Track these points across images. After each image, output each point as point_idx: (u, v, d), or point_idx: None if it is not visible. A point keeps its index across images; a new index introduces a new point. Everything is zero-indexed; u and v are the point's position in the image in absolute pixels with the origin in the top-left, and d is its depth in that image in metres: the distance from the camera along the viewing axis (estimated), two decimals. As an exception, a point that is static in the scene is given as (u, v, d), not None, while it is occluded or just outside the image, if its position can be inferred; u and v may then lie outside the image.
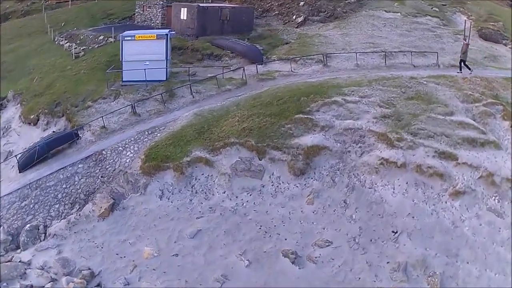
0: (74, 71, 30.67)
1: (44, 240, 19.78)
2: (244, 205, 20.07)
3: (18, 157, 23.59)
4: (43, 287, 17.83)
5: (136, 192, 20.67)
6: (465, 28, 29.12)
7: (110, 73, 27.72)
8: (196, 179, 20.93)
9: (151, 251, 18.69)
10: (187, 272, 18.06)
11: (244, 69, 27.93)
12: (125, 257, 18.65)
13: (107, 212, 20.02)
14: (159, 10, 38.91)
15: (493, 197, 19.27)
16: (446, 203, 19.24)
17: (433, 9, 37.89)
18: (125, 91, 26.71)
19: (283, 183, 20.70)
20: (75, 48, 34.69)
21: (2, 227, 20.42)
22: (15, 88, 32.23)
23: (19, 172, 22.97)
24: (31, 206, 21.02)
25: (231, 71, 28.90)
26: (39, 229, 20.18)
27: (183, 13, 35.35)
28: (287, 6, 39.02)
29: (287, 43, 33.12)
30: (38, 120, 27.33)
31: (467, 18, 35.39)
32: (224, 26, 35.22)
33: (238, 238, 19.01)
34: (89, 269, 18.28)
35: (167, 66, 27.96)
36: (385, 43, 31.41)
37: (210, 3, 37.87)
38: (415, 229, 18.62)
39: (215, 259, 18.43)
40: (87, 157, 22.48)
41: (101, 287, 17.91)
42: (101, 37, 35.86)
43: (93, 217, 19.97)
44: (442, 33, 33.82)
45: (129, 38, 27.81)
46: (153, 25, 38.97)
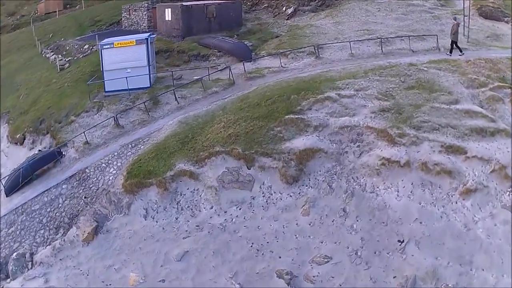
0: (58, 84, 29.78)
1: (31, 268, 19.19)
2: (233, 220, 18.81)
3: (4, 181, 23.01)
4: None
5: (119, 212, 19.76)
6: (463, 7, 27.81)
7: (92, 84, 26.65)
8: (181, 195, 19.75)
9: (136, 278, 17.97)
10: (174, 299, 17.04)
11: (230, 69, 26.60)
12: (110, 284, 17.96)
13: (91, 236, 19.37)
14: (145, 13, 37.77)
15: (507, 192, 17.59)
16: (456, 203, 17.65)
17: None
18: (108, 102, 25.65)
19: (275, 193, 19.34)
20: (60, 60, 33.71)
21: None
22: (3, 106, 31.41)
23: (6, 196, 22.38)
24: (17, 232, 20.43)
25: (218, 71, 27.71)
26: (25, 257, 19.66)
27: (168, 14, 34.27)
28: (276, -3, 37.65)
29: (277, 37, 31.96)
30: (24, 139, 26.70)
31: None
32: (211, 24, 34.09)
33: (228, 258, 17.80)
34: (76, 298, 17.47)
35: (149, 72, 26.63)
36: (380, 29, 30.15)
37: (195, 1, 36.30)
38: (423, 236, 17.09)
39: (204, 282, 17.33)
40: (70, 177, 21.64)
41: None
42: (86, 46, 34.70)
43: (77, 242, 19.32)
44: (440, 14, 32.35)
45: (108, 46, 26.54)
46: (140, 28, 37.81)
